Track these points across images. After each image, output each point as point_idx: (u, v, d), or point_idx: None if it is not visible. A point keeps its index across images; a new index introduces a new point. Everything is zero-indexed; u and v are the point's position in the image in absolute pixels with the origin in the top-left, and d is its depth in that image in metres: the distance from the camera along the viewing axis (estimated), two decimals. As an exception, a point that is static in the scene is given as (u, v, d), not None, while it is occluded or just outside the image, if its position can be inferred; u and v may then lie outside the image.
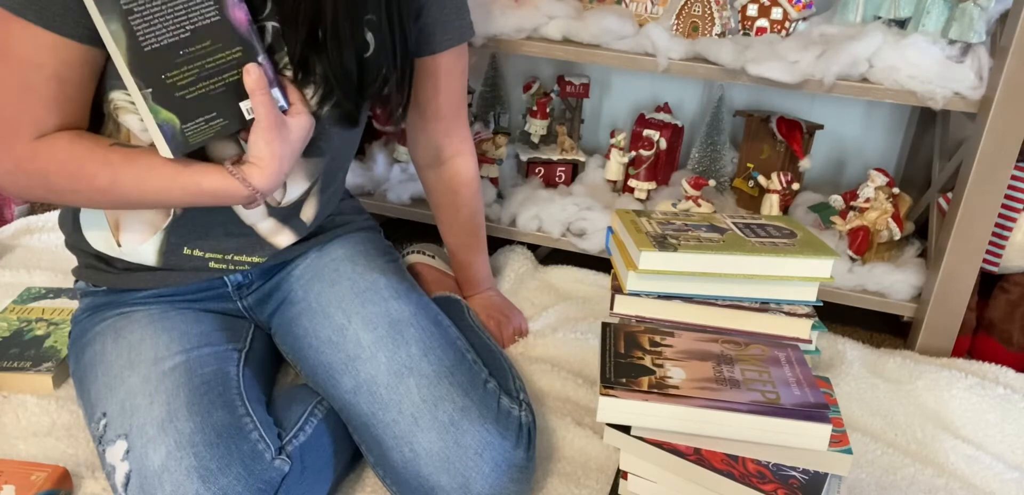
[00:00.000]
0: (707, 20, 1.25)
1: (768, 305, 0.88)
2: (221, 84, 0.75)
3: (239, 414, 0.79)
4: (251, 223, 0.91)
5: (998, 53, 1.09)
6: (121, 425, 0.78)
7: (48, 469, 0.84)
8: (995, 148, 1.10)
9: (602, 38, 1.24)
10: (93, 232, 0.90)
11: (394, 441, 0.82)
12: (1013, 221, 1.23)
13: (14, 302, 1.18)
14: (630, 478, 0.79)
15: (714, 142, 1.50)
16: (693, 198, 1.35)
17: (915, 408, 1.06)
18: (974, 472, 0.96)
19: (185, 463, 0.73)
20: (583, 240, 1.37)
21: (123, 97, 0.80)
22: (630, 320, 0.89)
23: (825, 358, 1.17)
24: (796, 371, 0.79)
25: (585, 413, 1.01)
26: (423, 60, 1.01)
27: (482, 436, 0.81)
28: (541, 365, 1.10)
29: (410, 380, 0.84)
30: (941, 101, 1.11)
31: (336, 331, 0.89)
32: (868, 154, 1.53)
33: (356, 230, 1.05)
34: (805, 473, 0.73)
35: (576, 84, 1.51)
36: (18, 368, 1.02)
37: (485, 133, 1.46)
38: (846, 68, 1.13)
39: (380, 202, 1.46)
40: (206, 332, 0.89)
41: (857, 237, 1.26)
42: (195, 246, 0.90)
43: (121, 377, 0.82)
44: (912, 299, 1.25)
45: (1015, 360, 1.20)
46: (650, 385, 0.76)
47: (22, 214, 1.57)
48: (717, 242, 0.89)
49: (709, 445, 0.75)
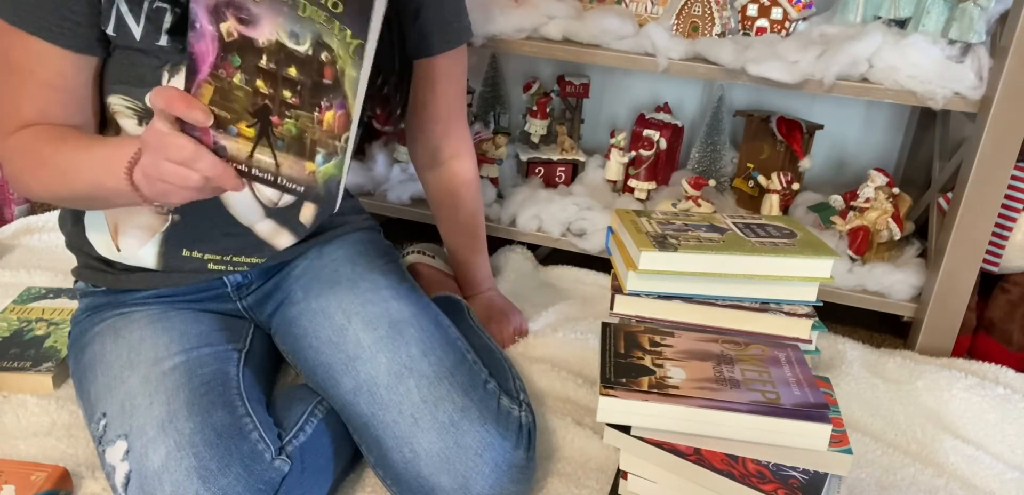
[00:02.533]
0: (707, 20, 1.25)
1: (768, 305, 0.88)
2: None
3: (239, 414, 0.79)
4: (248, 224, 0.91)
5: (998, 53, 1.09)
6: (121, 425, 0.78)
7: (48, 469, 0.84)
8: (995, 148, 1.10)
9: (602, 38, 1.24)
10: (94, 234, 0.91)
11: (394, 441, 0.82)
12: (1013, 221, 1.23)
13: (14, 302, 1.18)
14: (630, 478, 0.79)
15: (714, 142, 1.50)
16: (693, 198, 1.35)
17: (915, 408, 1.06)
18: (974, 472, 0.96)
19: (185, 463, 0.73)
20: (583, 240, 1.37)
21: (120, 101, 0.81)
22: (630, 320, 0.89)
23: (825, 358, 1.17)
24: (796, 371, 0.79)
25: (585, 413, 1.01)
26: (420, 62, 1.01)
27: (482, 436, 0.81)
28: (541, 365, 1.10)
29: (410, 380, 0.83)
30: (941, 101, 1.11)
31: (336, 331, 0.89)
32: (868, 154, 1.53)
33: (356, 230, 1.05)
34: (805, 473, 0.73)
35: (576, 84, 1.51)
36: (18, 368, 1.02)
37: (485, 133, 1.46)
38: (846, 68, 1.13)
39: (380, 202, 1.46)
40: (206, 332, 0.89)
41: (857, 237, 1.26)
42: (194, 248, 0.90)
43: (121, 377, 0.82)
44: (912, 299, 1.25)
45: (1015, 360, 1.20)
46: (650, 385, 0.76)
47: (22, 214, 1.57)
48: (717, 242, 0.89)
49: (709, 445, 0.75)
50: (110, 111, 0.82)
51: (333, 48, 0.61)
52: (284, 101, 0.63)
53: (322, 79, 0.62)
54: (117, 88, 0.81)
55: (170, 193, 0.68)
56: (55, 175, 0.78)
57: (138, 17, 0.78)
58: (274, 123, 0.64)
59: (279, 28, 0.61)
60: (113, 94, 0.81)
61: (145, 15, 0.78)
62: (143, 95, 0.81)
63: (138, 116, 0.82)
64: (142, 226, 0.88)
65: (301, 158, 0.65)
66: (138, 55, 0.79)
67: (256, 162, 0.65)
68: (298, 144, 0.64)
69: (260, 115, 0.64)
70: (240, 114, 0.64)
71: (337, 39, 0.61)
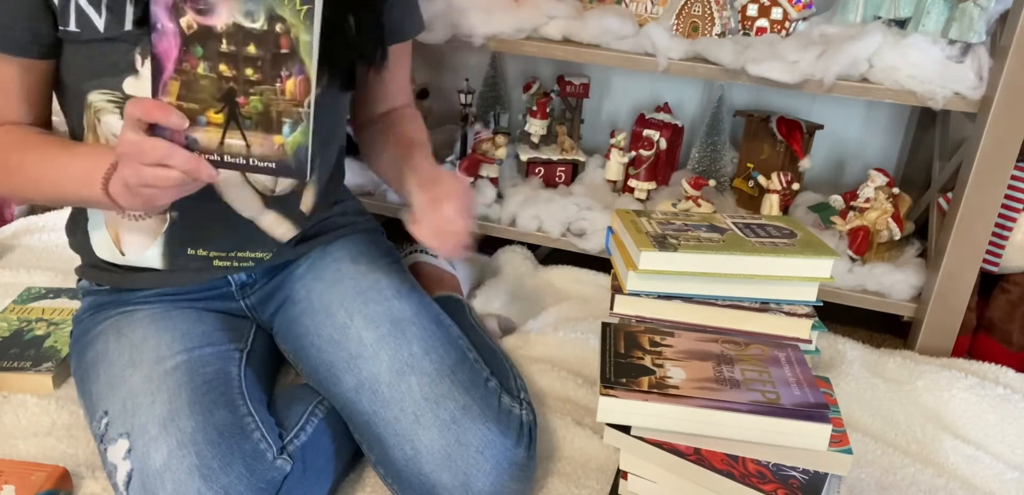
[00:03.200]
0: (707, 20, 1.25)
1: (768, 305, 0.88)
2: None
3: (241, 414, 0.79)
4: (250, 216, 0.91)
5: (998, 53, 1.09)
6: (123, 424, 0.78)
7: (48, 469, 0.84)
8: (995, 148, 1.10)
9: (602, 38, 1.24)
10: (98, 242, 0.91)
11: (396, 439, 0.82)
12: (1013, 221, 1.23)
13: (14, 302, 1.18)
14: (630, 478, 0.79)
15: (714, 142, 1.50)
16: (693, 198, 1.35)
17: (915, 408, 1.06)
18: (974, 472, 0.96)
19: (187, 462, 0.73)
20: (583, 240, 1.37)
21: (101, 97, 0.81)
22: (630, 320, 0.89)
23: (825, 358, 1.17)
24: (796, 371, 0.79)
25: (585, 413, 1.01)
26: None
27: (483, 434, 0.81)
28: (541, 365, 1.10)
29: (412, 378, 0.84)
30: (941, 101, 1.11)
31: (338, 330, 0.89)
32: (868, 154, 1.53)
33: (358, 231, 1.05)
34: (805, 473, 0.73)
35: (576, 84, 1.51)
36: (18, 368, 1.02)
37: (485, 133, 1.46)
38: (846, 68, 1.13)
39: (380, 202, 1.46)
40: (208, 332, 0.89)
41: (857, 237, 1.26)
42: (198, 246, 0.90)
43: (123, 376, 0.82)
44: (912, 299, 1.25)
45: (1015, 360, 1.20)
46: (650, 385, 0.76)
47: (22, 214, 1.57)
48: (717, 242, 0.89)
49: (709, 445, 0.75)
50: (92, 110, 0.82)
51: (285, 18, 0.66)
52: (247, 80, 0.67)
53: (280, 50, 0.66)
54: (94, 83, 0.81)
55: (155, 197, 0.70)
56: (26, 182, 0.81)
57: (99, 8, 0.78)
58: (240, 104, 0.68)
59: (234, 10, 0.65)
60: (92, 91, 0.81)
61: (106, 5, 0.78)
62: (120, 84, 0.81)
63: (121, 107, 0.82)
64: (143, 230, 0.88)
65: (269, 133, 0.68)
66: (107, 45, 0.79)
67: (227, 148, 0.69)
68: (265, 119, 0.68)
69: (226, 99, 0.68)
70: (208, 102, 0.68)
71: (288, 8, 0.65)
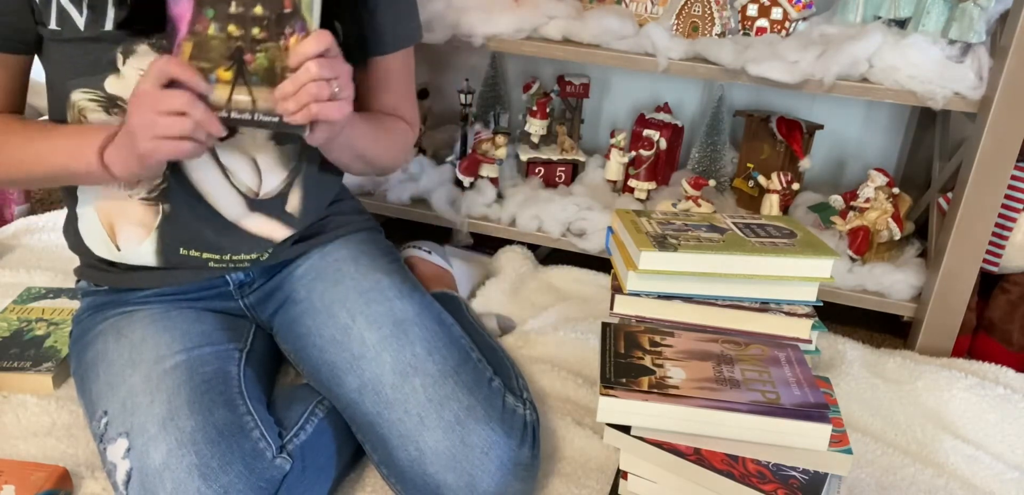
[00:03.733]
0: (707, 20, 1.26)
1: (768, 305, 0.88)
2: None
3: (240, 413, 0.79)
4: (234, 219, 0.90)
5: (998, 53, 1.09)
6: (122, 423, 0.78)
7: (48, 469, 0.84)
8: (995, 148, 1.10)
9: (602, 38, 1.24)
10: (92, 240, 0.90)
11: (400, 440, 0.82)
12: (1013, 221, 1.23)
13: (14, 302, 1.18)
14: (630, 478, 0.79)
15: (714, 142, 1.50)
16: (693, 198, 1.35)
17: (915, 408, 1.07)
18: (974, 472, 0.96)
19: (186, 461, 0.73)
20: (583, 240, 1.37)
21: (84, 96, 0.81)
22: (630, 320, 0.89)
23: (825, 358, 1.17)
24: (796, 371, 0.79)
25: (585, 413, 1.01)
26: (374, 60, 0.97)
27: (488, 435, 0.81)
28: (541, 365, 1.10)
29: (416, 379, 0.84)
30: (941, 101, 1.11)
31: (340, 330, 0.89)
32: (868, 154, 1.53)
33: (358, 230, 1.05)
34: (805, 473, 0.73)
35: (576, 84, 1.51)
36: (18, 368, 1.02)
37: (485, 133, 1.46)
38: (846, 68, 1.13)
39: (380, 202, 1.46)
40: (207, 331, 0.89)
41: (857, 237, 1.26)
42: (191, 246, 0.90)
43: (122, 376, 0.82)
44: (912, 299, 1.25)
45: (1015, 360, 1.20)
46: (650, 385, 0.76)
47: (22, 214, 1.57)
48: (717, 242, 0.89)
49: (709, 445, 0.75)
50: (76, 109, 0.82)
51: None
52: (254, 38, 0.72)
53: (283, 9, 0.71)
54: (76, 82, 0.81)
55: (158, 148, 0.72)
56: (10, 165, 0.82)
57: (80, 6, 0.78)
58: (247, 61, 0.72)
59: None
60: (75, 90, 0.81)
61: (87, 4, 0.78)
62: (102, 83, 0.81)
63: (104, 107, 0.82)
64: (135, 222, 0.88)
65: (273, 88, 0.73)
66: (88, 44, 0.79)
67: (234, 104, 0.73)
68: (270, 75, 0.73)
69: (235, 57, 0.72)
70: (218, 61, 0.72)
71: None
